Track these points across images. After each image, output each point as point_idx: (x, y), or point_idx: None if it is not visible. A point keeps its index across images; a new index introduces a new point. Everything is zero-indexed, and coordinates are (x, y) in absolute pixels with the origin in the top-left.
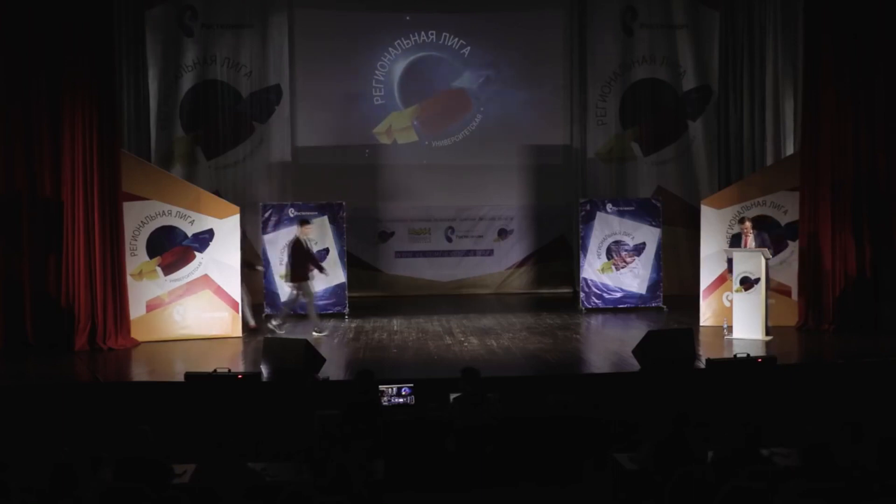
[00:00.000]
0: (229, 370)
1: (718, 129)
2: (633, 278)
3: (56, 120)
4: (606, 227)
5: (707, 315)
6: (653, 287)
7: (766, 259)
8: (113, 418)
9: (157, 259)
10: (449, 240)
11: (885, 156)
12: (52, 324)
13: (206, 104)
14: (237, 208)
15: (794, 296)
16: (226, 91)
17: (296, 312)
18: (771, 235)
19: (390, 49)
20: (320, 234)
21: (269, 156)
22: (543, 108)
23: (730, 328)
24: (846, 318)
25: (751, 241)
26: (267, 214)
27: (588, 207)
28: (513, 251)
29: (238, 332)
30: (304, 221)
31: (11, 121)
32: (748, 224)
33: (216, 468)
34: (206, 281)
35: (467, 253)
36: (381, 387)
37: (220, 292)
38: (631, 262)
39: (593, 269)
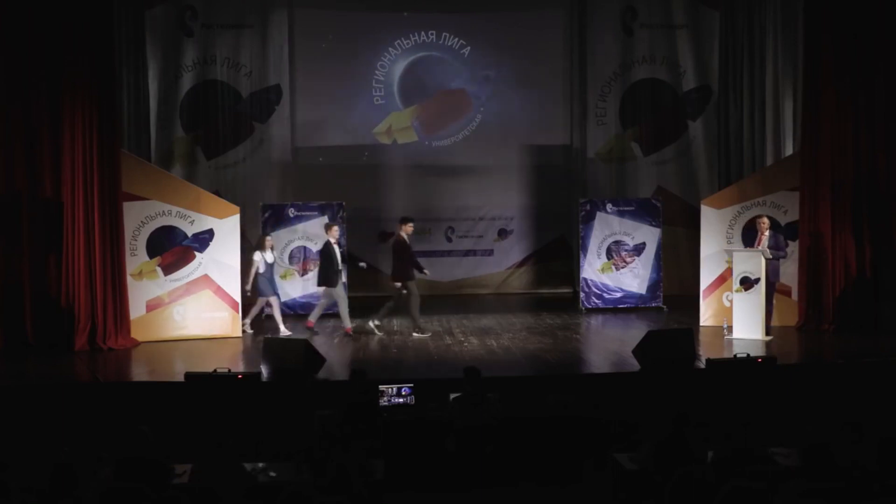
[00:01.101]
0: (229, 370)
1: (718, 129)
2: (633, 278)
3: (56, 120)
4: (606, 227)
5: (707, 315)
6: (653, 287)
7: (767, 259)
8: (113, 418)
9: (157, 259)
10: (449, 240)
11: (885, 156)
12: (52, 324)
13: (206, 104)
14: (237, 208)
15: (794, 296)
16: (226, 91)
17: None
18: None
19: (390, 49)
20: (320, 234)
21: (269, 156)
22: (543, 108)
23: (730, 328)
24: (846, 318)
25: (765, 240)
26: (267, 214)
27: (588, 207)
28: (513, 251)
29: (238, 332)
30: (406, 219)
31: (11, 121)
32: (766, 222)
33: (215, 468)
34: (206, 281)
35: (467, 253)
36: (381, 387)
37: (220, 292)
38: (631, 262)
39: (593, 269)
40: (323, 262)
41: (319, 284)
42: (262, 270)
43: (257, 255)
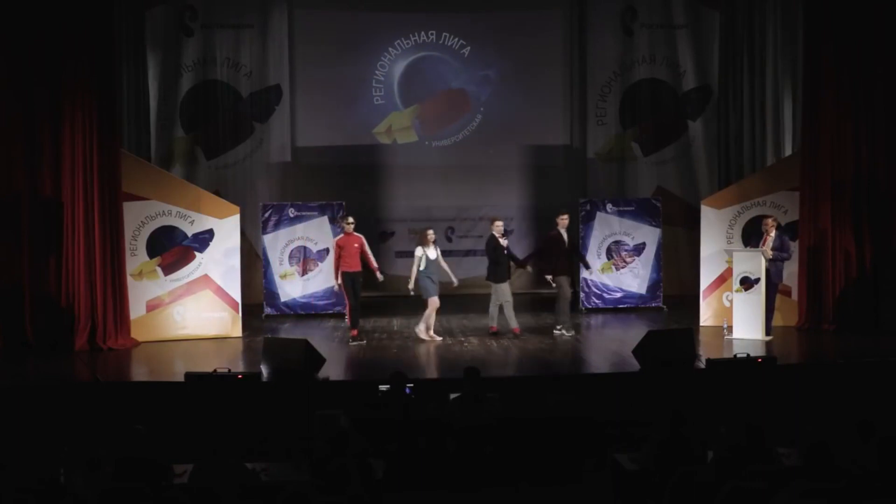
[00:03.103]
0: (229, 370)
1: (718, 130)
2: (633, 278)
3: (56, 120)
4: (606, 227)
5: (707, 315)
6: (653, 287)
7: (768, 259)
8: (113, 418)
9: (157, 259)
10: (449, 240)
11: (885, 156)
12: (52, 324)
13: (206, 104)
14: (237, 208)
15: (795, 296)
16: (226, 91)
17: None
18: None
19: (390, 49)
20: (320, 234)
21: (269, 156)
22: (543, 108)
23: (730, 328)
24: (846, 318)
25: (770, 240)
26: (267, 214)
27: (588, 207)
28: (513, 251)
29: (238, 331)
30: (563, 212)
31: (11, 121)
32: (773, 223)
33: (215, 468)
34: (206, 281)
35: (467, 253)
36: (381, 387)
37: (219, 292)
38: (631, 262)
39: (593, 269)
40: (488, 257)
41: (487, 279)
42: (422, 268)
43: (419, 251)
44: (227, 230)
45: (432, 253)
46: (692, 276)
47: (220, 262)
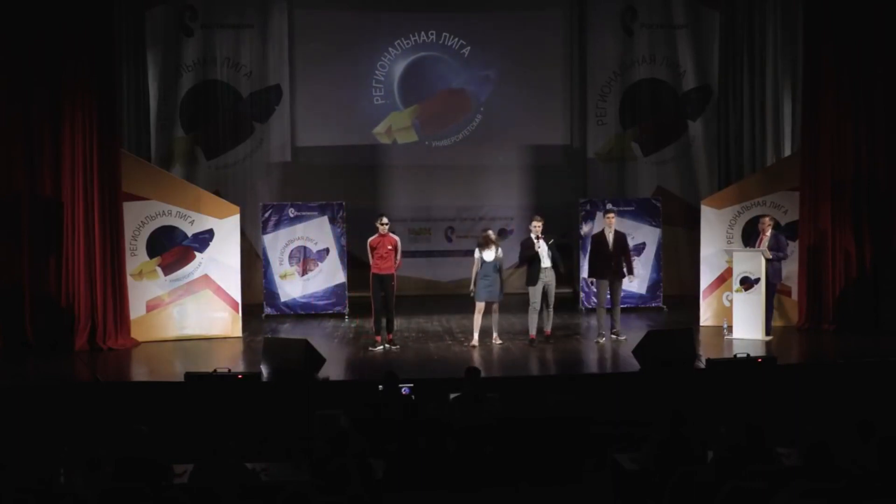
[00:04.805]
0: (229, 370)
1: (718, 130)
2: (633, 278)
3: (56, 120)
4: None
5: (707, 315)
6: (653, 287)
7: (767, 259)
8: (112, 418)
9: (157, 259)
10: (449, 240)
11: (885, 156)
12: (52, 324)
13: (206, 104)
14: (237, 208)
15: (795, 296)
16: (226, 91)
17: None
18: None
19: (390, 49)
20: (320, 234)
21: (269, 156)
22: (543, 108)
23: (730, 328)
24: (846, 318)
25: (766, 240)
26: (267, 214)
27: (588, 207)
28: (513, 251)
29: (238, 331)
30: (609, 211)
31: (11, 121)
32: (768, 222)
33: (215, 468)
34: (206, 281)
35: (467, 253)
36: (381, 386)
37: (220, 292)
38: None
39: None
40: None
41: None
42: (476, 270)
43: (476, 253)
44: (227, 230)
45: (488, 255)
46: (692, 276)
47: (220, 262)
